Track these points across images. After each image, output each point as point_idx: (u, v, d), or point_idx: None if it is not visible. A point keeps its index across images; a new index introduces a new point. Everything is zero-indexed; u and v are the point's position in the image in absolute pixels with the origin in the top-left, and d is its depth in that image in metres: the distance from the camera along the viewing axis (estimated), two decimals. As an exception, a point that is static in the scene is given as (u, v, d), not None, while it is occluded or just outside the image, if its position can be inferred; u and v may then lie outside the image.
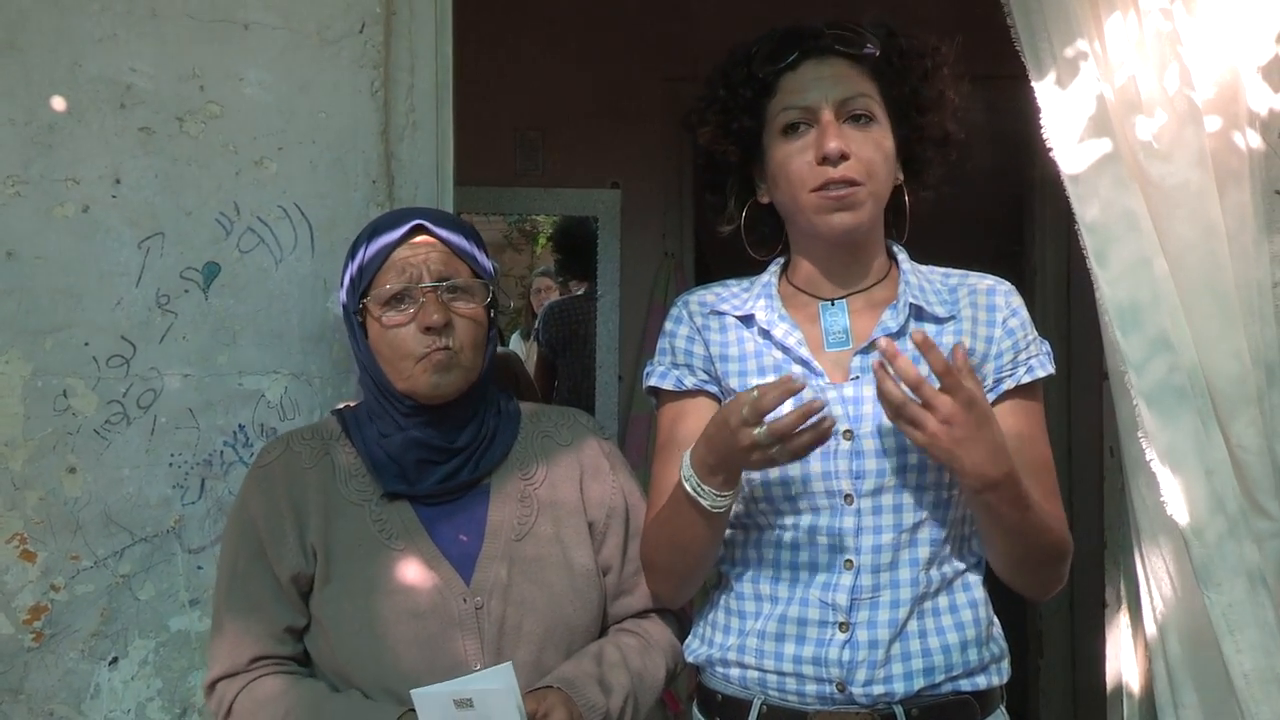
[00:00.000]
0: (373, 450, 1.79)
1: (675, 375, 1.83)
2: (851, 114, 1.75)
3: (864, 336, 1.77)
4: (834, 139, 1.71)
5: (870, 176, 1.73)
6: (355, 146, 2.05)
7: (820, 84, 1.76)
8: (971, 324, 1.79)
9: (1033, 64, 2.10)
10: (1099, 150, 2.04)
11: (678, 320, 1.87)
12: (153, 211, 1.98)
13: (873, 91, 1.77)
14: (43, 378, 1.95)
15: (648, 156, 4.58)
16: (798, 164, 1.74)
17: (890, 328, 1.76)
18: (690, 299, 1.88)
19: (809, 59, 1.78)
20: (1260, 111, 2.07)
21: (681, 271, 4.68)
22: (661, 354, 1.86)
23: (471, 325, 1.77)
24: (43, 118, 1.94)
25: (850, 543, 1.71)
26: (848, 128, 1.74)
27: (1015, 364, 1.77)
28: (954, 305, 1.80)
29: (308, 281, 2.04)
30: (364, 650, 1.69)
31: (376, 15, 2.06)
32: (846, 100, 1.75)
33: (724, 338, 1.83)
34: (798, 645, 1.71)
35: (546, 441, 1.88)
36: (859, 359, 1.76)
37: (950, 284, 1.84)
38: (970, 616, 1.75)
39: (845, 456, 1.71)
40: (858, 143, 1.73)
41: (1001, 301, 1.80)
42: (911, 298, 1.78)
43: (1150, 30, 2.04)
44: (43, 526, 1.95)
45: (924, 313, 1.78)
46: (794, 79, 1.78)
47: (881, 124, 1.77)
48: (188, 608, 2.00)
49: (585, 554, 1.81)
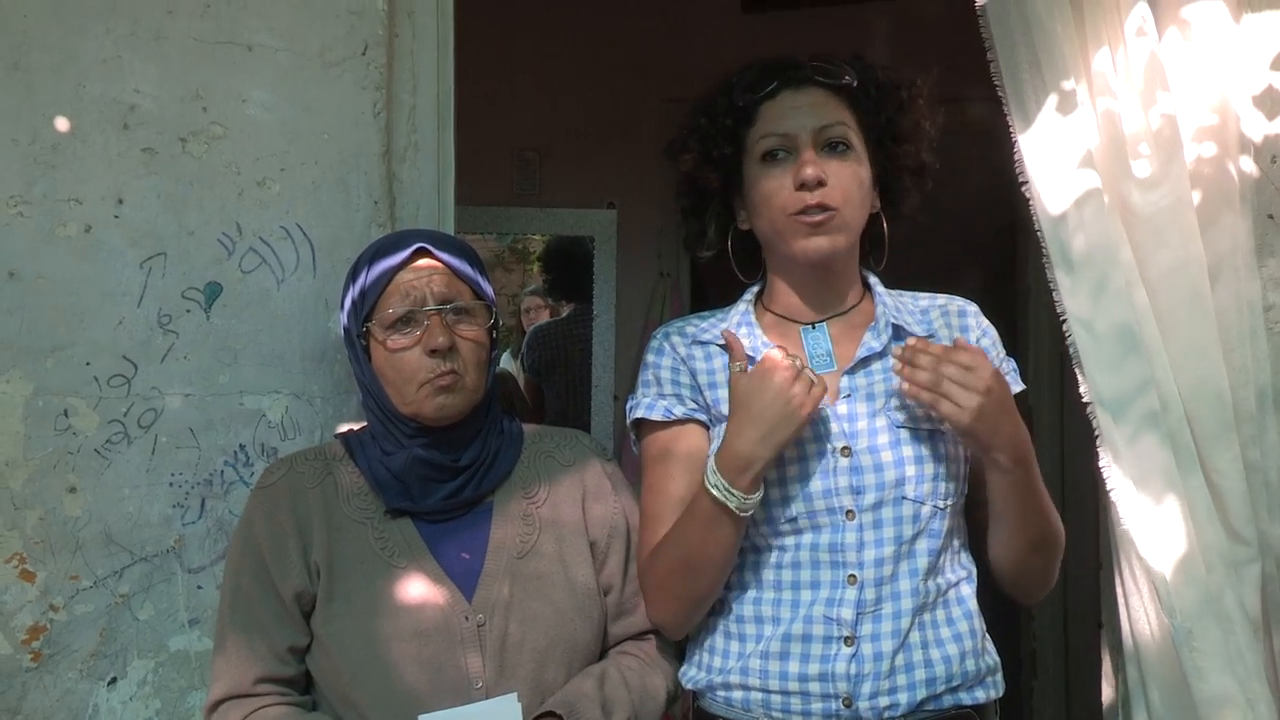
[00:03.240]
0: (376, 468, 1.80)
1: (664, 405, 1.86)
2: (829, 142, 1.79)
3: (847, 358, 1.82)
4: (811, 165, 1.76)
5: (846, 203, 1.77)
6: (357, 167, 2.06)
7: (798, 112, 1.80)
8: (948, 343, 1.82)
9: (1014, 99, 2.08)
10: (1084, 183, 2.03)
11: (659, 352, 1.89)
12: (155, 231, 1.99)
13: (850, 121, 1.81)
14: (44, 397, 1.95)
15: (644, 177, 4.59)
16: (776, 190, 1.78)
17: (874, 347, 1.81)
18: (670, 331, 1.92)
19: (788, 88, 1.82)
20: (1254, 138, 2.09)
21: (677, 292, 4.70)
22: (645, 386, 1.89)
23: (475, 347, 1.78)
24: (46, 138, 1.95)
25: (853, 557, 1.73)
26: (825, 156, 1.78)
27: None
28: (929, 324, 1.86)
29: (309, 302, 2.04)
30: (366, 668, 1.69)
31: (379, 38, 2.07)
32: (824, 128, 1.79)
33: (710, 365, 1.86)
34: (802, 663, 1.72)
35: (549, 461, 1.88)
36: (847, 379, 1.80)
37: (921, 305, 1.90)
38: (966, 628, 1.78)
39: (845, 473, 1.74)
40: (834, 170, 1.77)
41: (973, 322, 1.88)
42: (891, 318, 1.83)
43: (1137, 63, 2.05)
44: (42, 546, 1.95)
45: (903, 332, 1.83)
46: (773, 107, 1.82)
47: (858, 153, 1.81)
48: (187, 627, 2.00)
49: (587, 572, 1.82)
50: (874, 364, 1.81)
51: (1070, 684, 4.33)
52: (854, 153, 1.80)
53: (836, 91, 1.82)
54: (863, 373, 1.81)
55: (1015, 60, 2.07)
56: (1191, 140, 2.07)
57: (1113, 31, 2.06)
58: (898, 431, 1.76)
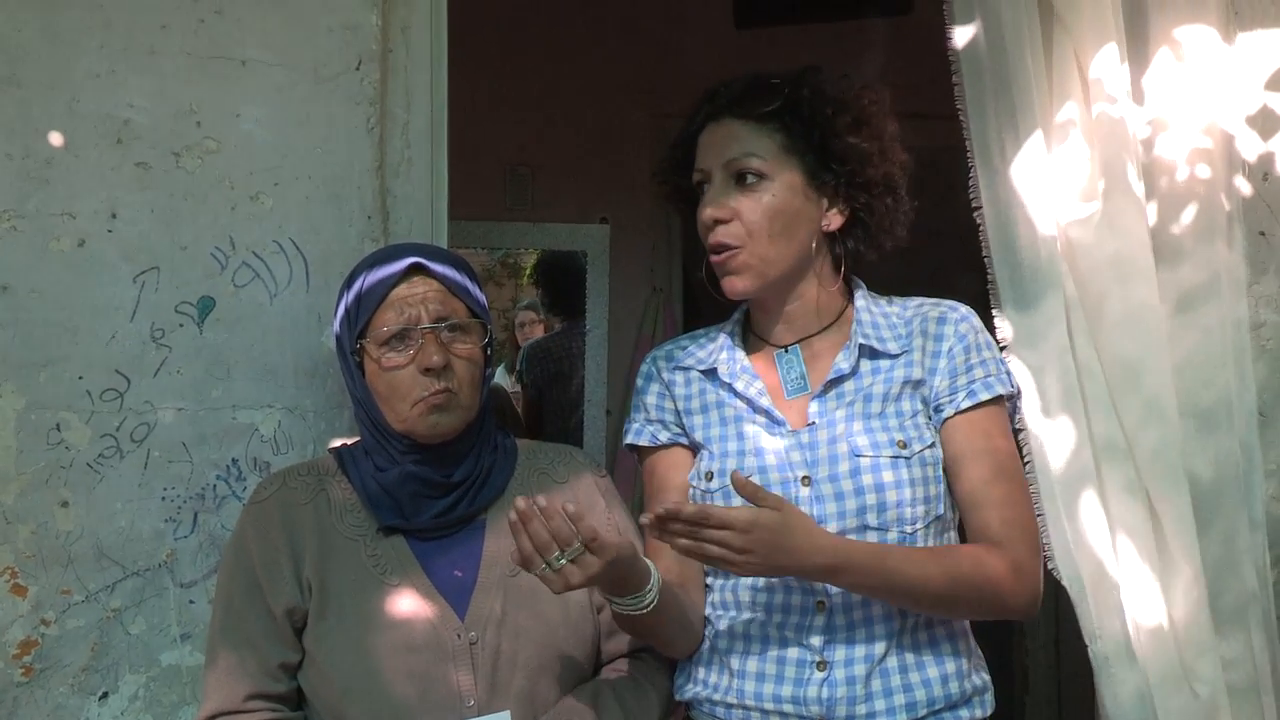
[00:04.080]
0: (368, 484, 1.79)
1: (650, 431, 1.89)
2: (736, 173, 1.79)
3: (820, 379, 1.81)
4: (709, 206, 1.79)
5: (750, 237, 1.77)
6: (351, 182, 2.06)
7: (713, 147, 1.82)
8: (921, 354, 1.82)
9: (977, 137, 2.06)
10: (1043, 230, 2.02)
11: (648, 377, 1.91)
12: (148, 246, 1.99)
13: (769, 148, 1.79)
14: (36, 411, 1.94)
15: (637, 192, 4.60)
16: (699, 225, 1.82)
17: (843, 369, 1.80)
18: (659, 354, 1.94)
19: (711, 121, 1.84)
20: (1247, 156, 2.10)
21: (670, 307, 4.70)
22: (636, 410, 1.92)
23: (469, 365, 1.78)
24: (40, 152, 1.95)
25: (820, 585, 1.72)
26: (735, 189, 1.78)
27: (954, 389, 1.79)
28: (907, 340, 1.82)
29: (302, 316, 2.04)
30: (358, 684, 1.69)
31: (373, 53, 2.07)
32: (730, 161, 1.79)
33: (688, 391, 1.87)
34: (777, 685, 1.74)
35: (543, 478, 1.88)
36: (816, 404, 1.80)
37: (906, 316, 1.86)
38: (950, 649, 1.77)
39: (806, 502, 1.74)
40: (741, 204, 1.78)
41: (950, 330, 1.82)
42: (862, 338, 1.81)
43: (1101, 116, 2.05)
44: (34, 560, 1.94)
45: (876, 351, 1.81)
46: (702, 139, 1.85)
47: (780, 179, 1.78)
48: (179, 642, 2.00)
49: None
50: (845, 385, 1.80)
51: (1063, 699, 4.33)
52: (767, 181, 1.78)
53: (760, 119, 1.80)
54: (833, 394, 1.80)
55: (982, 103, 2.04)
56: (1184, 162, 2.07)
57: (1078, 88, 2.06)
58: (857, 460, 1.74)
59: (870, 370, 1.81)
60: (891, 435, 1.75)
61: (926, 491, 1.75)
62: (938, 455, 1.77)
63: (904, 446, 1.75)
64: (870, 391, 1.79)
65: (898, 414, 1.78)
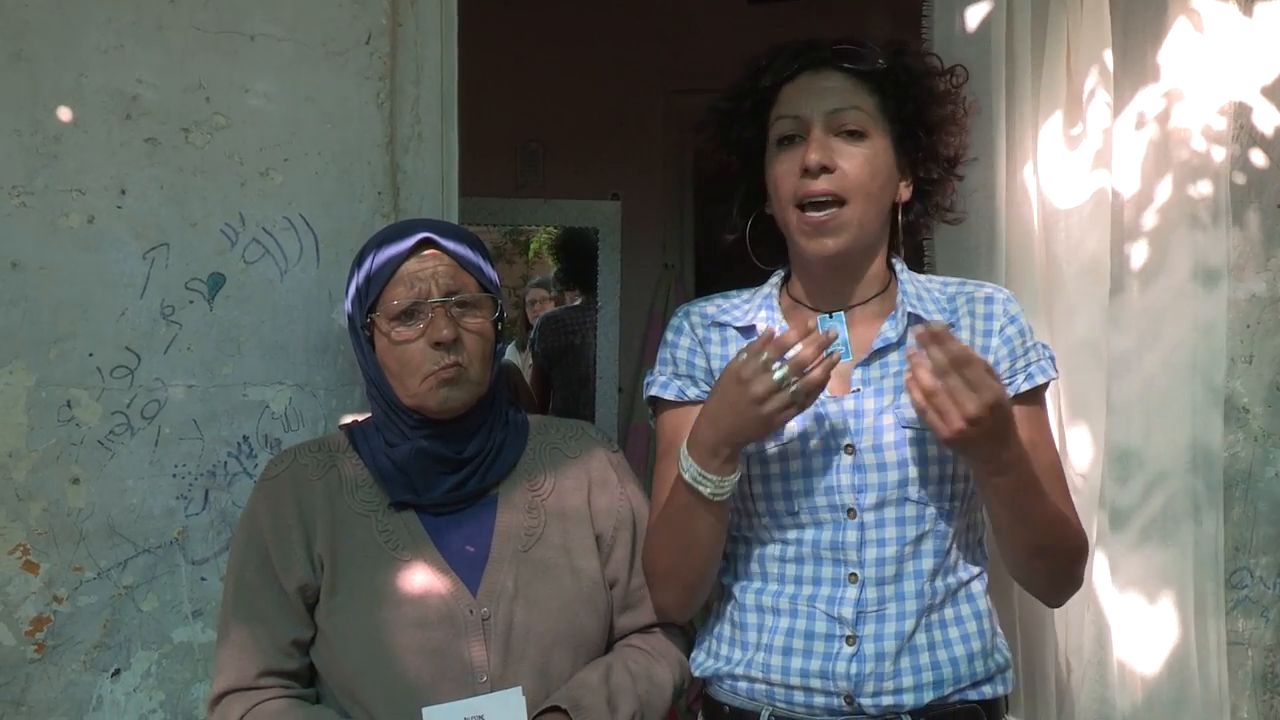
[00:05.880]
0: (379, 460, 1.79)
1: (677, 385, 1.84)
2: (843, 127, 1.75)
3: (864, 348, 1.78)
4: (815, 151, 1.72)
5: (854, 192, 1.73)
6: (361, 158, 2.05)
7: (812, 95, 1.77)
8: (970, 332, 1.80)
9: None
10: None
11: (678, 331, 1.87)
12: (158, 222, 1.98)
13: (870, 107, 1.77)
14: (47, 388, 1.94)
15: (648, 169, 4.60)
16: (785, 175, 1.75)
17: (890, 338, 1.77)
18: (691, 310, 1.88)
19: (807, 70, 1.79)
20: (1265, 130, 2.10)
21: (681, 283, 4.69)
22: (663, 364, 1.86)
23: (479, 340, 1.77)
24: (48, 128, 1.94)
25: (854, 556, 1.71)
26: (838, 141, 1.74)
27: (1014, 371, 1.78)
28: (953, 314, 1.81)
29: (313, 293, 2.04)
30: (370, 660, 1.69)
31: (382, 27, 2.06)
32: (836, 112, 1.75)
33: (725, 350, 1.83)
34: (805, 659, 1.71)
35: (554, 453, 1.88)
36: (860, 371, 1.77)
37: (949, 292, 1.85)
38: (975, 628, 1.75)
39: (848, 470, 1.72)
40: (845, 156, 1.73)
41: (999, 310, 1.81)
42: (910, 307, 1.79)
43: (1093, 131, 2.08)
44: (45, 538, 1.94)
45: (922, 321, 1.78)
46: (791, 89, 1.79)
47: (876, 140, 1.76)
48: (190, 619, 2.00)
49: (592, 563, 1.81)
50: (890, 355, 1.78)
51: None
52: (870, 139, 1.76)
53: (861, 76, 1.78)
54: (877, 364, 1.78)
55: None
56: (1200, 134, 2.07)
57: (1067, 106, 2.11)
58: (904, 431, 1.72)
59: (915, 342, 1.79)
60: None
61: (968, 469, 1.73)
62: None
63: None
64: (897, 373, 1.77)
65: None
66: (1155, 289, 2.16)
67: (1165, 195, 2.04)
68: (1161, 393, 2.18)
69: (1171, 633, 2.14)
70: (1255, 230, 2.17)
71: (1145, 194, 2.14)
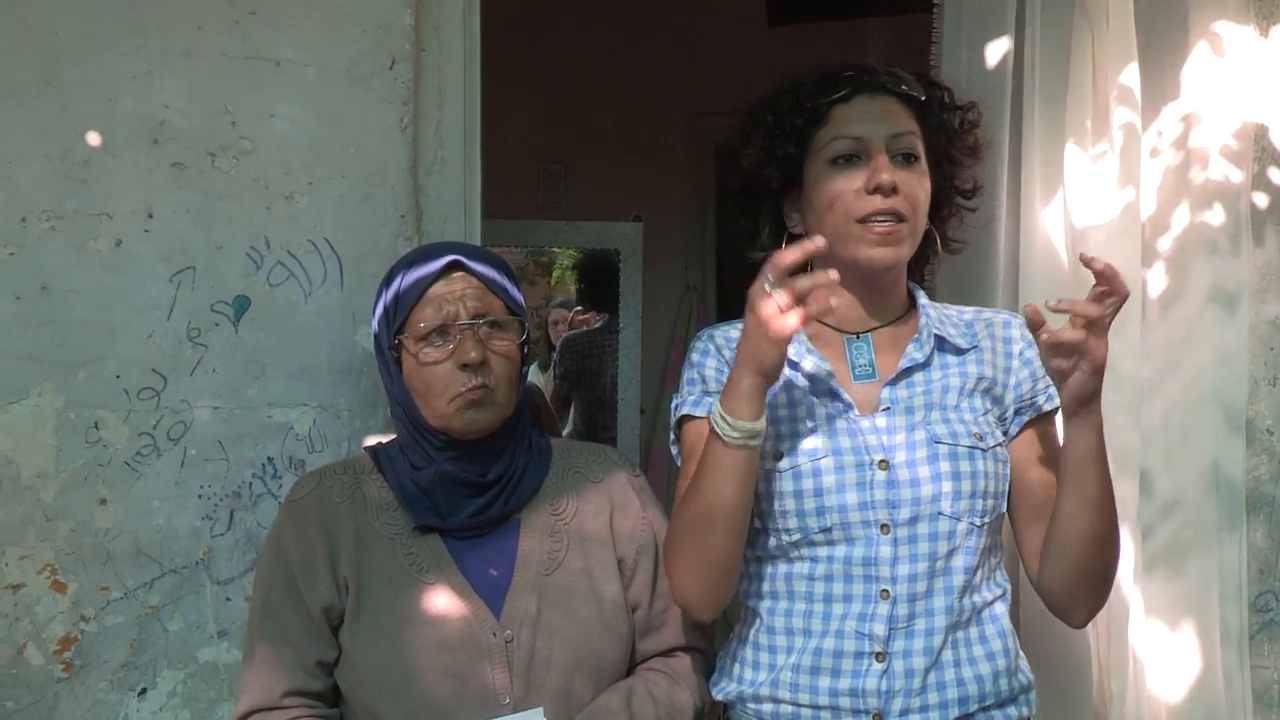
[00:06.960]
0: (404, 483, 1.80)
1: (709, 402, 1.83)
2: (901, 151, 1.78)
3: (889, 369, 1.80)
4: (887, 171, 1.74)
5: (914, 213, 1.77)
6: (384, 181, 2.07)
7: (872, 118, 1.79)
8: (991, 354, 1.83)
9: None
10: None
11: (704, 353, 1.87)
12: (184, 245, 2.00)
13: (918, 133, 1.81)
14: (75, 410, 1.96)
15: (670, 190, 4.61)
16: (843, 193, 1.76)
17: (917, 359, 1.79)
18: (715, 333, 1.89)
19: (863, 93, 1.81)
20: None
21: (703, 304, 4.69)
22: (690, 384, 1.87)
23: (506, 362, 1.78)
24: (78, 153, 1.97)
25: (886, 572, 1.72)
26: (896, 165, 1.77)
27: (1035, 392, 1.81)
28: (973, 338, 1.84)
29: (337, 315, 2.05)
30: (394, 682, 1.69)
31: (406, 52, 2.08)
32: (898, 136, 1.78)
33: None
34: (833, 678, 1.71)
35: (577, 477, 1.88)
36: (888, 390, 1.78)
37: (966, 319, 1.88)
38: (1000, 646, 1.76)
39: (881, 486, 1.72)
40: (905, 180, 1.76)
41: (1017, 334, 1.85)
42: (935, 329, 1.81)
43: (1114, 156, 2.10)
44: (73, 558, 1.96)
45: (946, 343, 1.82)
46: (846, 110, 1.80)
47: (923, 166, 1.80)
48: (216, 639, 2.01)
49: (614, 587, 1.81)
50: (916, 375, 1.79)
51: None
52: (920, 164, 1.80)
53: (906, 103, 1.82)
54: (904, 384, 1.79)
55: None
56: (1218, 155, 2.07)
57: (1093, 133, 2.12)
58: (936, 447, 1.74)
59: (939, 364, 1.81)
60: (968, 427, 1.75)
61: (998, 486, 1.77)
62: (1007, 454, 1.80)
63: (980, 439, 1.75)
64: (946, 383, 1.79)
65: (971, 409, 1.78)
66: (1174, 314, 2.16)
67: (1184, 219, 2.04)
68: (1181, 421, 2.18)
69: (1194, 657, 2.13)
70: (1275, 253, 2.16)
71: (1162, 218, 2.14)
